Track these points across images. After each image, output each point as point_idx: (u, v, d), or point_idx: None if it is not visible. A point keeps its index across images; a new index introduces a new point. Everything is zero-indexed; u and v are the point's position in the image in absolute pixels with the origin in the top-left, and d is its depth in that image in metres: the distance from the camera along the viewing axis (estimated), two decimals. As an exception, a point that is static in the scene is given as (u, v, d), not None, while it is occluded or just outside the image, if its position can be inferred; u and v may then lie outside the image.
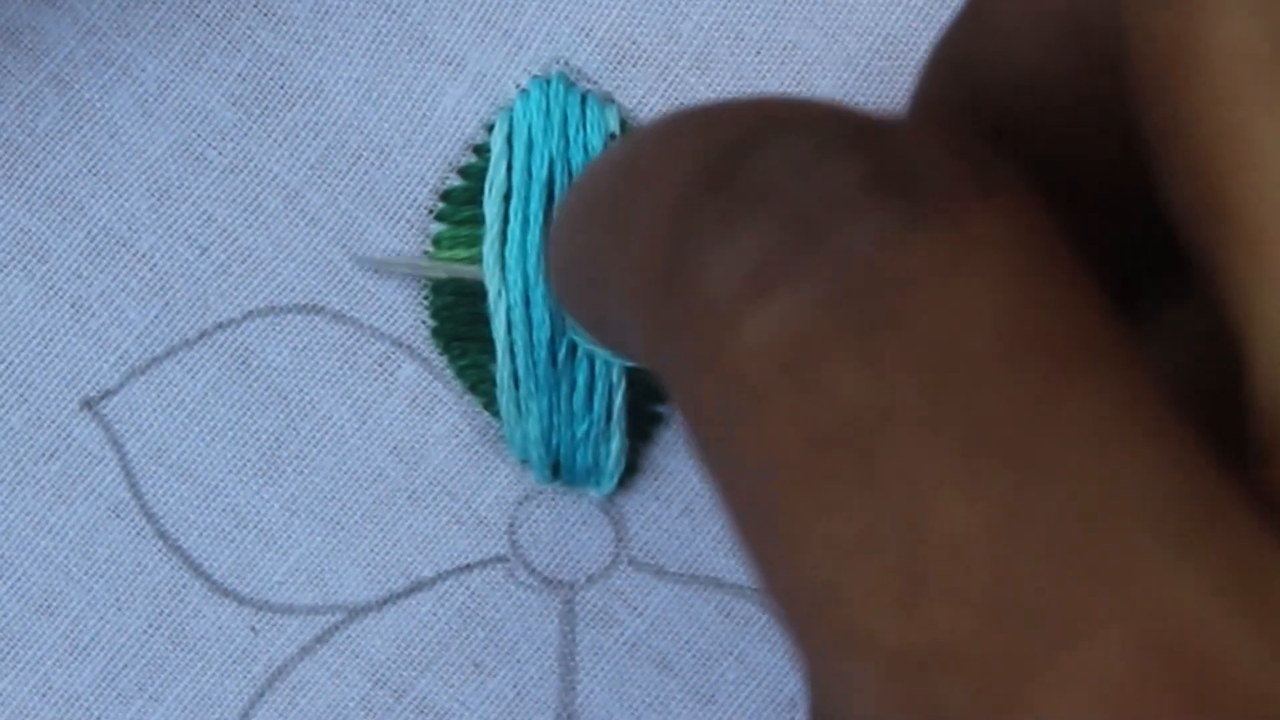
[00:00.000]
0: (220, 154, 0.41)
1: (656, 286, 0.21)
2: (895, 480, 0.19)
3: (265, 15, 0.41)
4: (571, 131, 0.41)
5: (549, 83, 0.41)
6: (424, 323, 0.42)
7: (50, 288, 0.41)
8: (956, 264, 0.20)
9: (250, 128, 0.41)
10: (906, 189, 0.20)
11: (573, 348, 0.40)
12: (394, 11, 0.41)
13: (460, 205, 0.41)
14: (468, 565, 0.42)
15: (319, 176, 0.41)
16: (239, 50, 0.41)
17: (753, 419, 0.20)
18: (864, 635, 0.19)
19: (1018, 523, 0.19)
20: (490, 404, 0.41)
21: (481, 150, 0.41)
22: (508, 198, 0.40)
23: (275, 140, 0.41)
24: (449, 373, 0.42)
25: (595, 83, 0.41)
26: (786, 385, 0.20)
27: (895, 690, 0.19)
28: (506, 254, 0.40)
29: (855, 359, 0.19)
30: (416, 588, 0.42)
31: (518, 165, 0.40)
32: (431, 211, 0.41)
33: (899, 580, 0.19)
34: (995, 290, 0.19)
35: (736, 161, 0.21)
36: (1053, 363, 0.19)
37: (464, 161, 0.41)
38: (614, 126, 0.41)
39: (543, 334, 0.40)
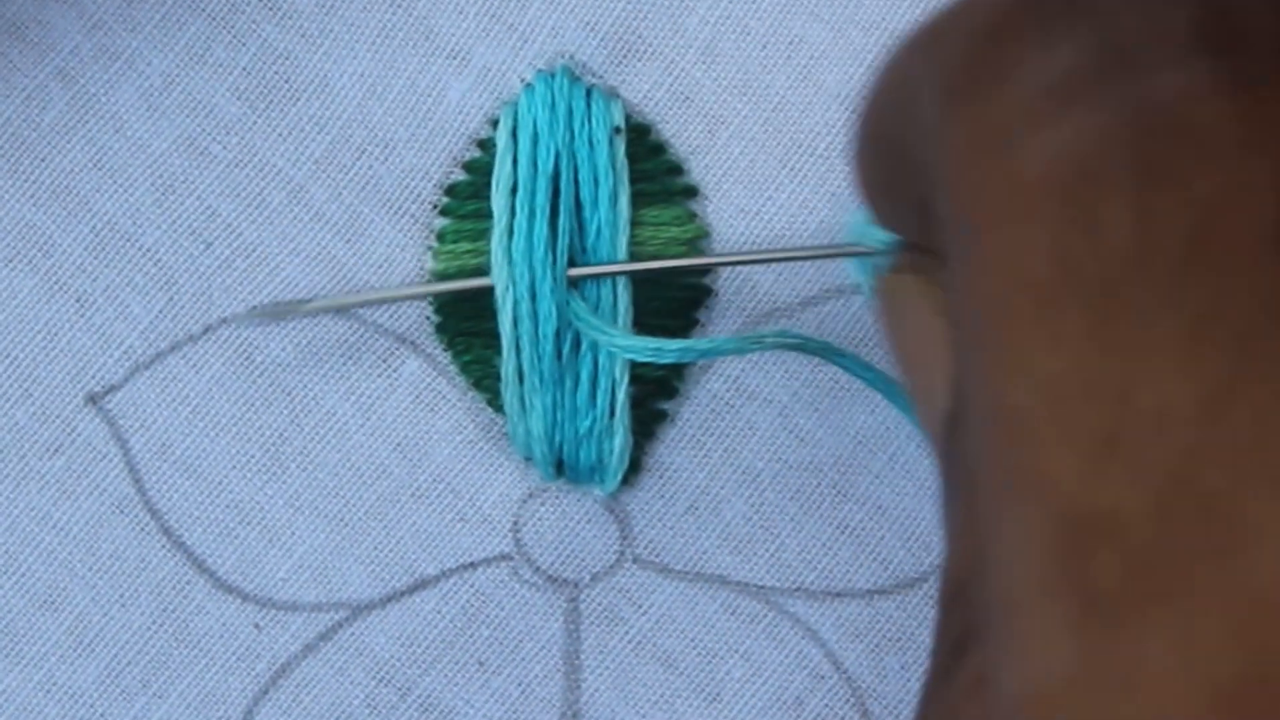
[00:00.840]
0: (225, 148, 0.41)
1: (966, 75, 0.22)
2: (1124, 335, 0.19)
3: (271, 9, 0.41)
4: (576, 125, 0.40)
5: (554, 77, 0.41)
6: (428, 318, 0.41)
7: (55, 282, 0.41)
8: (1256, 132, 0.19)
9: (255, 122, 0.41)
10: (1228, 44, 0.20)
11: (577, 342, 0.40)
12: (399, 5, 0.41)
13: (465, 199, 0.41)
14: (472, 563, 0.42)
15: (323, 171, 0.41)
16: (244, 44, 0.41)
17: (1018, 225, 0.20)
18: (1043, 481, 0.19)
19: (1223, 413, 0.19)
20: (494, 400, 0.41)
21: (486, 144, 0.41)
22: (514, 191, 0.40)
23: (280, 135, 0.41)
24: (453, 369, 0.41)
25: (600, 77, 0.41)
26: (1058, 208, 0.20)
27: (1054, 545, 0.19)
28: (513, 248, 0.40)
29: (1130, 205, 0.20)
30: (420, 585, 0.41)
31: (523, 159, 0.40)
32: (436, 206, 0.41)
33: (1094, 436, 0.19)
34: None
35: None
36: None
37: (468, 156, 0.41)
38: (619, 120, 0.41)
39: (548, 328, 0.40)
